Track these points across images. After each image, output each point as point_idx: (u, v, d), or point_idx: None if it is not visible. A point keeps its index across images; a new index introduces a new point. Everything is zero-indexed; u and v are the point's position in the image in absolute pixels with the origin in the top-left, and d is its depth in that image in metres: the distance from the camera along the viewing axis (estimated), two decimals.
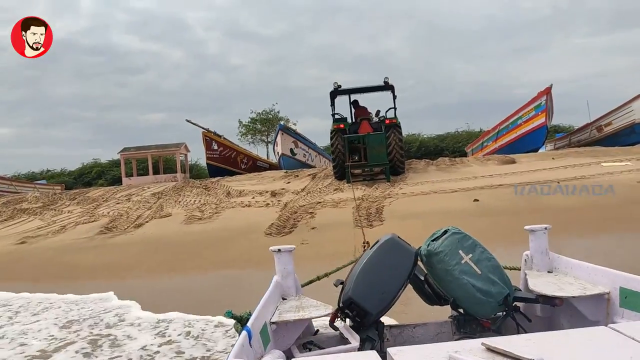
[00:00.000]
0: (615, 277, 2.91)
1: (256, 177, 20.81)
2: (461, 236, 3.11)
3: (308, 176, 19.16)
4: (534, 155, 19.31)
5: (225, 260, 9.71)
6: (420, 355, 1.84)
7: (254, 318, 2.58)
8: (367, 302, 2.93)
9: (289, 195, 15.95)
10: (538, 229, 3.60)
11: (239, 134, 54.31)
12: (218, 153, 24.43)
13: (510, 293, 3.05)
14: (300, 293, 3.58)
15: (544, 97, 21.07)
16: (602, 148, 19.71)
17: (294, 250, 3.64)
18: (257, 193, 16.65)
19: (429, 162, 19.88)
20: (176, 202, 16.31)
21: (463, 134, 60.99)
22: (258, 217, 13.11)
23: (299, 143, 24.29)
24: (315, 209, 13.42)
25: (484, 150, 26.35)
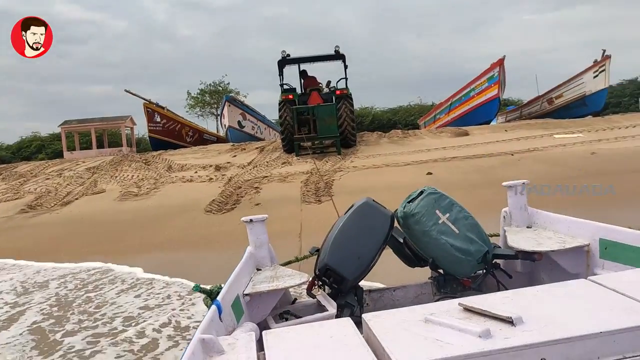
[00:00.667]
0: (595, 228, 2.87)
1: (201, 150, 19.72)
2: (437, 196, 3.03)
3: (256, 149, 18.25)
4: (486, 128, 18.98)
5: (160, 241, 8.78)
6: (396, 320, 1.81)
7: (224, 291, 2.45)
8: (344, 268, 2.87)
9: (234, 169, 15.03)
10: (516, 184, 3.53)
11: (187, 106, 52.52)
12: (161, 125, 23.08)
13: (489, 250, 3.01)
14: (275, 263, 3.42)
15: (497, 69, 20.74)
16: (554, 120, 19.57)
17: (266, 219, 3.44)
18: (201, 167, 15.64)
19: (381, 135, 19.27)
20: (112, 178, 15.12)
21: (416, 107, 61.21)
22: (199, 193, 12.17)
23: (247, 115, 23.23)
24: (262, 183, 12.59)
25: (436, 122, 26.01)
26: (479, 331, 1.59)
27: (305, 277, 2.95)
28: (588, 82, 20.69)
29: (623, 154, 12.40)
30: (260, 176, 13.38)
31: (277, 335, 1.89)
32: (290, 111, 15.73)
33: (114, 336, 4.96)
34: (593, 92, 20.67)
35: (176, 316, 5.40)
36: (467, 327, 1.63)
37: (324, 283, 2.96)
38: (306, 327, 1.97)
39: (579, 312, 1.71)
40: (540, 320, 1.65)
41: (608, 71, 20.29)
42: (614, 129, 16.20)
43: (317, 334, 1.84)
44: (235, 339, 1.98)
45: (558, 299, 1.85)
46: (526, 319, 1.65)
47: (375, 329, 1.76)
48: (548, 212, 3.41)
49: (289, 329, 2.00)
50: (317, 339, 1.79)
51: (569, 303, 1.81)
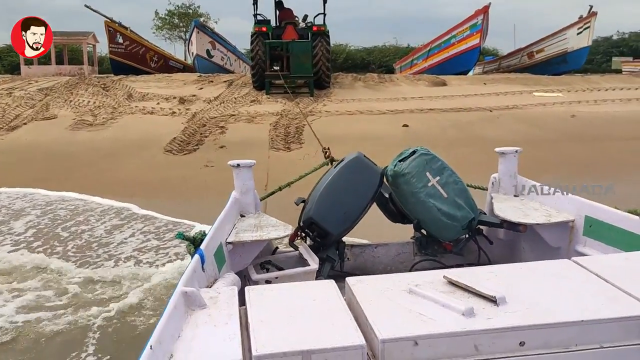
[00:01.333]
0: (581, 205, 2.87)
1: (165, 78, 18.56)
2: (429, 157, 2.98)
3: (224, 82, 17.25)
4: (465, 79, 18.38)
5: (110, 182, 8.07)
6: (380, 287, 1.82)
7: (208, 239, 2.44)
8: (329, 222, 2.85)
9: (199, 103, 14.12)
10: (509, 151, 3.47)
11: (154, 27, 50.07)
12: (124, 47, 21.55)
13: (475, 217, 3.01)
14: (259, 210, 3.39)
15: (481, 17, 19.89)
16: (533, 76, 19.08)
17: (254, 165, 3.38)
18: (164, 98, 14.66)
19: (356, 78, 18.47)
20: (66, 102, 14.01)
21: (391, 48, 60.12)
22: (160, 127, 11.35)
23: (216, 44, 21.89)
24: (228, 122, 11.83)
25: (413, 68, 25.22)
26: (463, 309, 1.59)
27: (289, 228, 2.92)
28: (571, 39, 20.12)
29: (603, 119, 12.09)
30: (227, 114, 12.58)
31: (260, 293, 1.87)
32: (263, 45, 14.73)
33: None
34: (575, 49, 20.14)
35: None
36: (451, 304, 1.64)
37: (307, 235, 2.95)
38: (289, 286, 1.98)
39: (561, 296, 1.72)
40: (524, 302, 1.66)
41: (592, 28, 19.73)
42: (594, 91, 15.84)
43: (299, 295, 1.83)
44: (217, 292, 1.97)
45: (542, 280, 1.86)
46: (509, 299, 1.66)
47: (358, 295, 1.76)
48: (536, 182, 3.38)
49: (272, 287, 2.02)
50: (299, 301, 1.78)
51: (552, 285, 1.81)
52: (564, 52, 20.51)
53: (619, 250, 2.49)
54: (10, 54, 53.86)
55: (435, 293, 1.72)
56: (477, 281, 1.78)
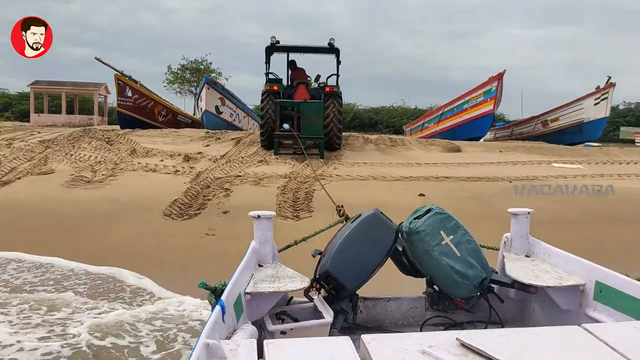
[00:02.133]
0: (592, 269, 2.89)
1: (172, 134, 18.14)
2: (444, 216, 3.07)
3: (231, 140, 16.79)
4: (479, 145, 17.87)
5: (100, 249, 7.33)
6: (395, 346, 1.88)
7: (228, 290, 2.51)
8: (344, 276, 2.92)
9: (204, 162, 13.57)
10: (521, 212, 3.57)
11: (166, 81, 50.74)
12: (132, 101, 21.29)
13: (487, 277, 3.05)
14: (276, 260, 3.48)
15: (495, 83, 19.66)
16: (548, 145, 18.59)
17: (273, 217, 3.53)
18: (168, 155, 14.13)
19: (367, 139, 18.00)
20: (66, 156, 13.48)
21: (398, 109, 60.91)
22: (161, 187, 10.71)
23: (226, 100, 21.66)
24: (233, 184, 11.18)
25: (424, 131, 24.88)
26: None
27: (306, 281, 2.97)
28: (588, 109, 19.77)
29: (632, 195, 11.36)
30: (233, 175, 11.96)
31: (278, 347, 1.92)
32: (274, 104, 14.32)
33: None
34: (592, 120, 19.77)
35: None
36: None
37: (322, 287, 3.00)
38: (306, 341, 2.05)
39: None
40: None
41: (610, 99, 19.41)
42: (614, 164, 15.25)
43: (316, 351, 1.89)
44: (236, 344, 2.04)
45: (552, 346, 1.89)
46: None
47: (373, 353, 1.83)
48: (548, 245, 3.40)
49: (290, 342, 2.04)
50: (316, 356, 1.83)
51: (562, 353, 1.85)
52: (580, 122, 20.11)
53: (629, 317, 2.48)
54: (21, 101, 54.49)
55: (448, 356, 1.76)
56: (489, 345, 1.82)
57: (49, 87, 48.22)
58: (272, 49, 15.24)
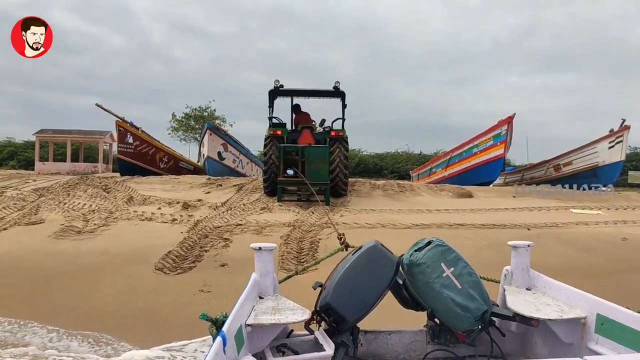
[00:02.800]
0: (594, 302, 2.88)
1: (172, 180, 17.58)
2: (445, 249, 3.06)
3: (233, 187, 16.19)
4: (491, 190, 17.18)
5: (83, 307, 6.58)
6: None
7: (229, 321, 2.49)
8: (345, 309, 2.89)
9: (204, 209, 12.90)
10: (521, 245, 3.57)
11: (171, 129, 50.86)
12: (133, 148, 20.88)
13: (488, 309, 3.02)
14: (277, 292, 3.46)
15: (505, 127, 19.15)
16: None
17: (275, 248, 3.51)
18: (166, 203, 13.49)
19: (374, 185, 17.38)
20: (59, 204, 12.86)
21: (403, 155, 60.63)
22: (156, 237, 10.01)
23: (228, 146, 21.22)
24: (233, 233, 10.47)
25: (431, 176, 24.28)
26: None
27: (307, 313, 2.95)
28: (602, 152, 19.16)
29: None
30: (234, 223, 11.27)
31: None
32: (277, 149, 13.79)
33: None
34: (607, 164, 19.12)
35: None
36: None
37: (323, 320, 2.96)
38: None
39: None
40: None
41: (625, 142, 18.80)
42: (636, 209, 14.49)
43: None
44: None
45: None
46: None
47: None
48: (549, 277, 3.40)
49: None
50: None
51: None
52: (595, 166, 19.46)
53: (630, 350, 2.46)
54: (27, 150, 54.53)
55: None
56: None
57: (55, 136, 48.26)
58: (276, 93, 14.84)
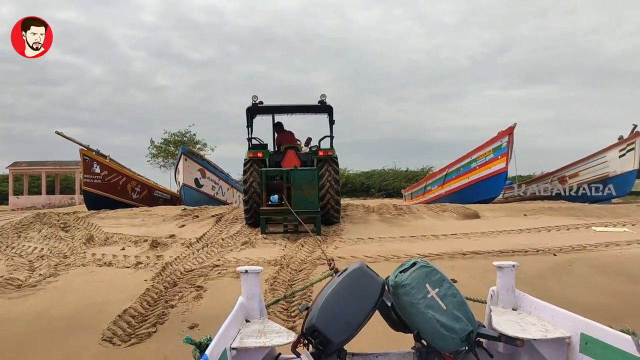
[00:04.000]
0: (578, 322, 2.93)
1: (143, 213, 15.73)
2: (429, 270, 3.09)
3: (212, 218, 14.40)
4: (499, 209, 15.57)
5: None
6: None
7: (213, 344, 2.52)
8: (331, 330, 2.86)
9: (176, 248, 11.10)
10: (506, 265, 3.59)
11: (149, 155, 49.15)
12: (100, 178, 18.98)
13: (474, 330, 3.03)
14: (264, 316, 3.44)
15: (505, 139, 17.67)
16: (574, 204, 16.37)
17: (261, 271, 3.47)
18: (132, 241, 11.67)
19: (368, 208, 15.69)
20: (6, 249, 10.98)
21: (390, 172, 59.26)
22: (113, 288, 8.20)
23: (206, 172, 19.44)
24: (209, 278, 8.69)
25: (426, 195, 22.70)
26: None
27: (292, 335, 2.98)
28: (612, 162, 17.71)
29: None
30: (210, 264, 9.49)
31: None
32: (259, 174, 12.07)
33: None
34: (618, 174, 17.65)
35: None
36: None
37: (309, 342, 2.92)
38: None
39: None
40: None
41: (638, 150, 17.36)
42: None
43: None
44: None
45: None
46: None
47: None
48: (534, 297, 3.43)
49: None
50: None
51: None
52: (605, 176, 18.01)
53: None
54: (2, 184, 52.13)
55: None
56: None
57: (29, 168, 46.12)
58: (255, 110, 13.19)
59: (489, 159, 18.12)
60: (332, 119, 13.07)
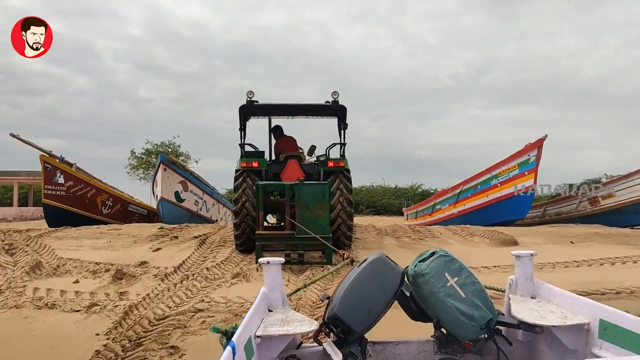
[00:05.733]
0: (596, 308, 2.89)
1: (110, 232, 13.14)
2: (448, 259, 3.08)
3: (194, 239, 11.88)
4: (539, 234, 13.18)
5: None
6: None
7: (239, 332, 2.50)
8: (352, 319, 2.87)
9: (146, 280, 8.57)
10: (524, 254, 3.52)
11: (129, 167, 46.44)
12: (65, 189, 16.33)
13: (493, 317, 3.01)
14: (286, 305, 3.43)
15: (534, 152, 15.43)
16: (612, 229, 14.14)
17: (283, 262, 3.45)
18: (90, 271, 9.12)
19: (380, 230, 13.28)
20: None
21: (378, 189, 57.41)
22: (48, 349, 5.69)
23: (189, 184, 16.90)
24: (187, 330, 6.22)
25: (434, 214, 20.40)
26: None
27: (314, 324, 2.96)
28: None
29: None
30: (190, 308, 6.98)
31: None
32: (253, 188, 9.64)
33: None
34: None
35: None
36: None
37: (331, 331, 2.93)
38: None
39: None
40: None
41: None
42: None
43: None
44: None
45: None
46: None
47: None
48: (552, 285, 3.35)
49: None
50: None
51: None
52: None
53: (632, 353, 2.49)
54: None
55: None
56: None
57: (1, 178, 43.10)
58: (250, 110, 10.74)
59: (513, 175, 15.90)
60: (346, 123, 10.69)
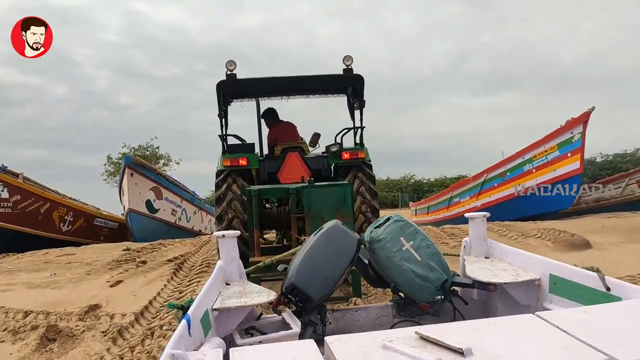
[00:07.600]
0: (546, 264, 3.00)
1: (60, 258, 10.28)
2: (403, 223, 3.15)
3: (167, 264, 9.07)
4: (611, 233, 10.42)
5: None
6: (357, 344, 1.93)
7: (194, 306, 2.52)
8: (309, 287, 2.91)
9: (90, 342, 5.74)
10: (477, 216, 3.69)
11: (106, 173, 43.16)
12: (11, 205, 13.36)
13: (448, 279, 3.11)
14: (243, 278, 3.51)
15: (579, 129, 12.77)
16: None
17: (238, 234, 3.60)
18: (10, 329, 6.28)
19: None
20: None
21: None
22: None
23: (163, 191, 14.02)
24: None
25: (451, 208, 17.76)
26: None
27: (272, 294, 2.99)
28: None
29: None
30: None
31: (244, 354, 1.93)
32: (242, 199, 6.86)
33: None
34: None
35: None
36: (421, 356, 1.75)
37: (290, 301, 2.97)
38: (271, 347, 2.05)
39: (523, 347, 1.82)
40: (488, 353, 1.76)
41: None
42: None
43: (281, 356, 1.91)
44: (203, 354, 2.08)
45: (507, 333, 1.97)
46: (475, 351, 1.75)
47: (336, 352, 1.86)
48: (505, 245, 3.51)
49: (256, 348, 2.05)
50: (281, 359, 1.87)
51: (516, 338, 1.92)
52: None
53: (580, 304, 2.58)
54: None
55: (407, 348, 1.81)
56: (447, 336, 1.87)
57: None
58: (232, 88, 7.87)
59: (552, 158, 13.26)
60: (363, 99, 7.87)
